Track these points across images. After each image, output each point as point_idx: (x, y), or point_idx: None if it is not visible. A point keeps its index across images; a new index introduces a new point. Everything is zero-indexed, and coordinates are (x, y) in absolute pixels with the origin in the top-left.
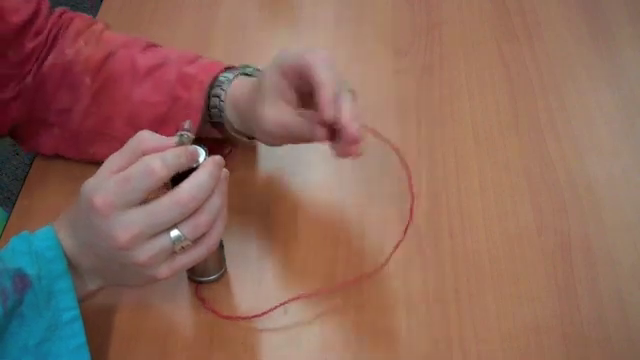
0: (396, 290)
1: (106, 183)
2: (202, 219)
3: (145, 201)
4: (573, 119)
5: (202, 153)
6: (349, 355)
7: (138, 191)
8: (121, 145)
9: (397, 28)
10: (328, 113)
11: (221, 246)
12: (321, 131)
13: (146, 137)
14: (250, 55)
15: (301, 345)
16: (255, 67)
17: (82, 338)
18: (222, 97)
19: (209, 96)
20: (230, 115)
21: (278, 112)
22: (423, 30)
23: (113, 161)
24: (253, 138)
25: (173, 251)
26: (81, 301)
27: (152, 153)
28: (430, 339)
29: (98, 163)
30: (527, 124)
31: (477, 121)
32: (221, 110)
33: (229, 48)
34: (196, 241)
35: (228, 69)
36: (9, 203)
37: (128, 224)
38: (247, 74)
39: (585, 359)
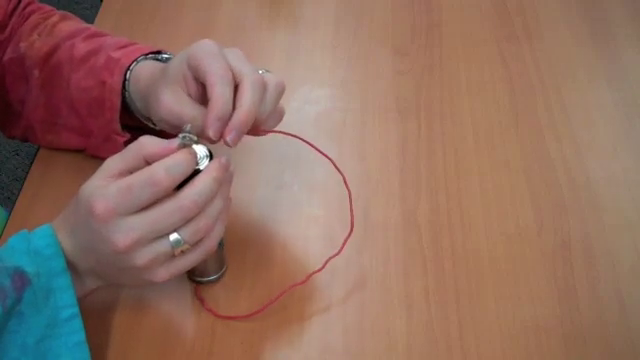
0: (396, 290)
1: (107, 189)
2: (202, 223)
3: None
4: (573, 119)
5: (206, 155)
6: (349, 355)
7: (140, 200)
8: (70, 133)
9: (397, 28)
10: (209, 133)
11: (221, 246)
12: (209, 134)
13: (148, 142)
14: (250, 55)
15: (301, 345)
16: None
17: (82, 335)
18: (128, 77)
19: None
20: (134, 96)
21: (175, 100)
22: (423, 30)
23: (112, 164)
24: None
25: (172, 255)
26: (79, 300)
27: (154, 158)
28: (430, 339)
29: (98, 163)
30: (527, 124)
31: (477, 121)
32: (127, 90)
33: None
34: (195, 244)
35: (154, 54)
36: (9, 203)
37: (128, 230)
38: (159, 60)
39: (585, 359)
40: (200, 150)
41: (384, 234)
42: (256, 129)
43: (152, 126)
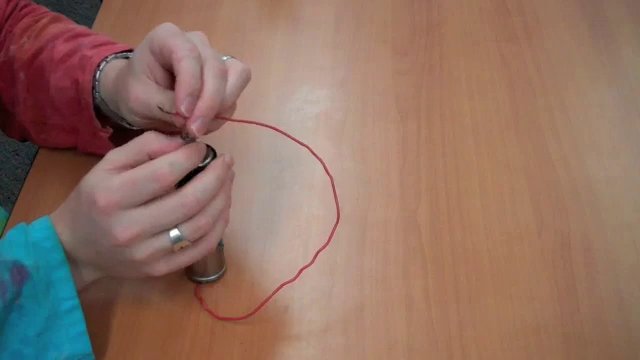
0: (396, 290)
1: (110, 182)
2: (203, 221)
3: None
4: (573, 119)
5: (209, 153)
6: (349, 355)
7: (143, 195)
8: (59, 131)
9: (397, 28)
10: (181, 110)
11: (221, 247)
12: (179, 119)
13: (152, 138)
14: (250, 55)
15: (301, 345)
16: None
17: (82, 326)
18: (97, 77)
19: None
20: (104, 95)
21: (143, 89)
22: (423, 30)
23: (115, 157)
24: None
25: (172, 250)
26: (79, 291)
27: (158, 155)
28: (430, 339)
29: (98, 161)
30: (527, 124)
31: (477, 121)
32: (97, 91)
33: (229, 48)
34: (195, 241)
35: (126, 52)
36: (9, 203)
37: (129, 223)
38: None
39: (585, 359)
40: (203, 148)
41: (384, 234)
42: (218, 117)
43: (127, 126)
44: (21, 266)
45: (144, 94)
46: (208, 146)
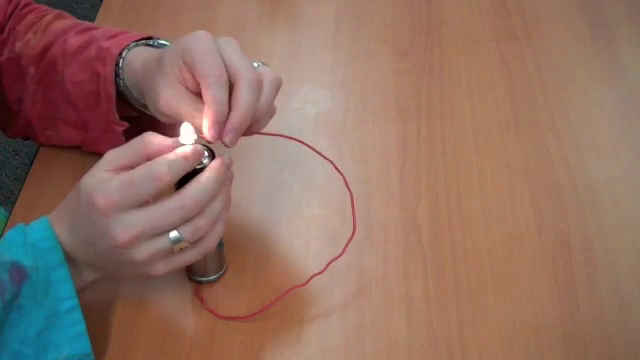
0: (396, 290)
1: (109, 183)
2: (202, 223)
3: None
4: (573, 119)
5: (207, 154)
6: (349, 355)
7: (142, 195)
8: (67, 127)
9: (397, 28)
10: (208, 137)
11: (221, 247)
12: (208, 137)
13: (150, 140)
14: (250, 55)
15: (301, 345)
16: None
17: (82, 326)
18: (120, 65)
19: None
20: (129, 83)
21: (174, 96)
22: (423, 30)
23: (113, 158)
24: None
25: (171, 251)
26: (79, 292)
27: (156, 156)
28: (430, 339)
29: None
30: (527, 124)
31: (477, 121)
32: (122, 78)
33: None
34: (195, 242)
35: (145, 39)
36: (9, 203)
37: (129, 225)
38: (151, 45)
39: (585, 359)
40: (201, 149)
41: (384, 234)
42: (251, 129)
43: (149, 113)
44: (20, 266)
45: (174, 101)
46: (206, 147)
